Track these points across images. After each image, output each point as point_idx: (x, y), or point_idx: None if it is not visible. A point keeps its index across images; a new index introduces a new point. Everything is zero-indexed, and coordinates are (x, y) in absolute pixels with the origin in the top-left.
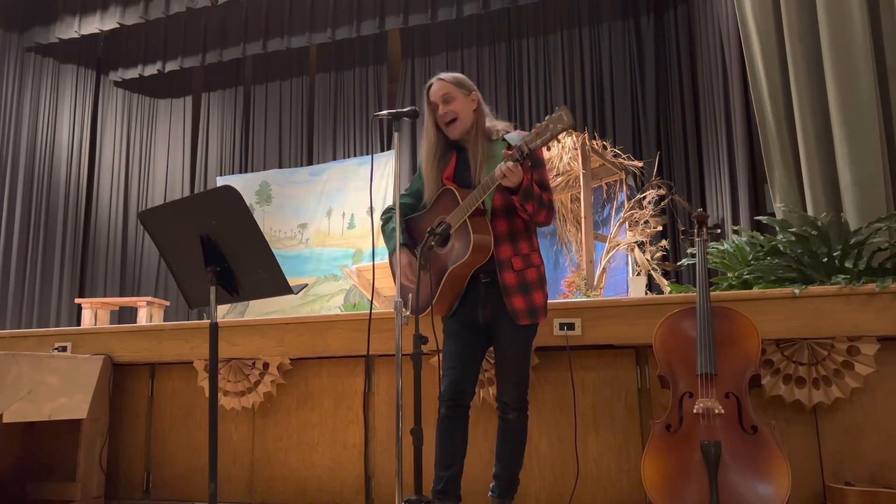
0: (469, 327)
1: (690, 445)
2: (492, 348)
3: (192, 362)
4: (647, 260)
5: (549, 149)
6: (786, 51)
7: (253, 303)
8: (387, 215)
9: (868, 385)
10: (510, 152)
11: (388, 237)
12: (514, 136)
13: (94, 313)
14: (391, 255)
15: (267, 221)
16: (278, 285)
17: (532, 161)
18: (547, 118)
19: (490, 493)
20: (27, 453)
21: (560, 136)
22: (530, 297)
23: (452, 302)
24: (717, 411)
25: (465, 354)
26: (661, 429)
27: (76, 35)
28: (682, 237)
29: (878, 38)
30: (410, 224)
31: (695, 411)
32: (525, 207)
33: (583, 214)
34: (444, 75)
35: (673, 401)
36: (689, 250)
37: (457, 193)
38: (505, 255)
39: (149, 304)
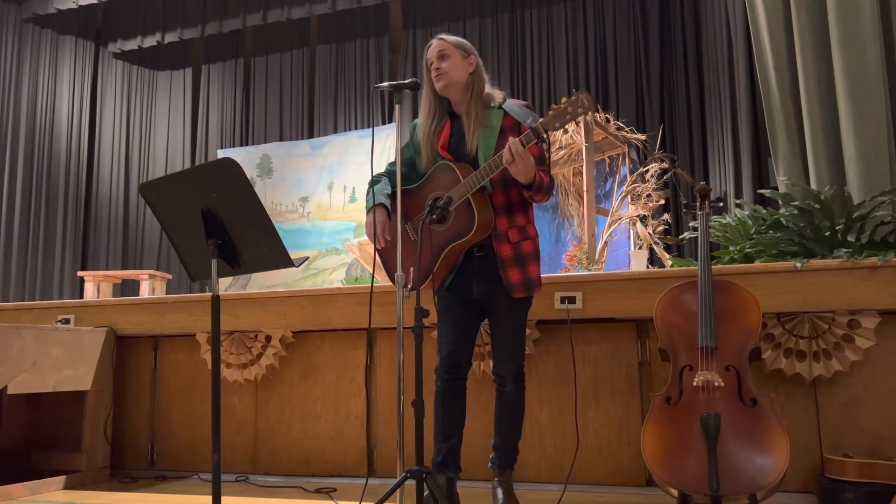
0: (463, 301)
1: (690, 418)
2: (487, 321)
3: (194, 335)
4: (649, 234)
5: (566, 131)
6: (792, 22)
7: (255, 276)
8: (377, 178)
9: (868, 358)
10: (524, 133)
11: (372, 196)
12: (512, 105)
13: (96, 286)
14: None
15: (268, 195)
16: (279, 258)
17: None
18: (564, 100)
19: (490, 464)
20: (33, 424)
21: (577, 119)
22: (526, 270)
23: (446, 276)
24: (717, 384)
25: (460, 327)
26: (661, 401)
27: (74, 6)
28: (684, 211)
29: (885, 10)
30: (403, 196)
31: (695, 384)
32: (534, 198)
33: (585, 188)
34: (444, 35)
35: (673, 374)
36: (691, 224)
37: (456, 169)
38: (501, 228)
39: (151, 277)
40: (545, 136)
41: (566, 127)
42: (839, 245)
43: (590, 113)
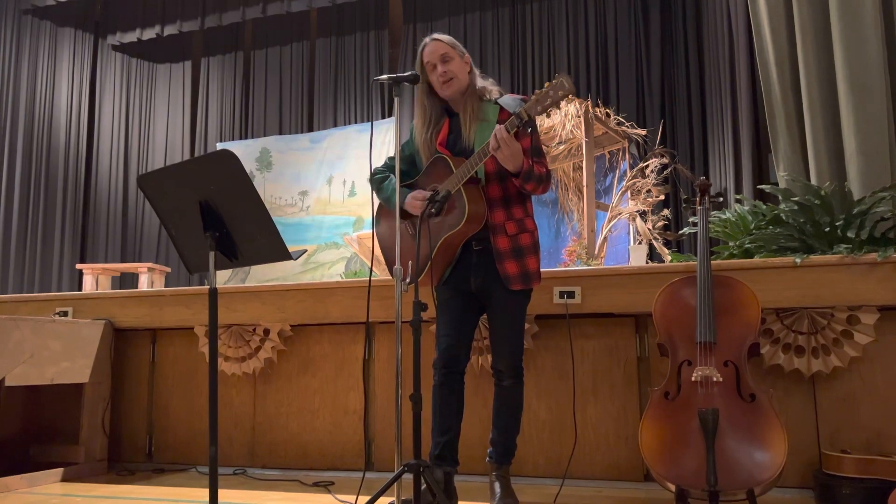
0: (461, 294)
1: (688, 413)
2: (486, 316)
3: (192, 328)
4: (649, 229)
5: (548, 115)
6: (793, 17)
7: (254, 269)
8: (380, 175)
9: (867, 354)
10: (509, 119)
11: (389, 194)
12: (508, 100)
13: (95, 279)
14: (383, 218)
15: (267, 188)
16: (277, 251)
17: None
18: (547, 84)
19: (488, 458)
20: (31, 417)
21: (560, 104)
22: (523, 262)
23: (444, 270)
24: (715, 379)
25: (458, 321)
26: (659, 396)
27: None
28: (684, 206)
29: (887, 6)
30: (402, 191)
31: (693, 379)
32: (525, 188)
33: (585, 183)
34: (438, 36)
35: (672, 369)
36: (690, 219)
37: (450, 162)
38: (498, 220)
39: (150, 270)
40: (527, 118)
41: (565, 122)
42: (839, 241)
43: (582, 102)
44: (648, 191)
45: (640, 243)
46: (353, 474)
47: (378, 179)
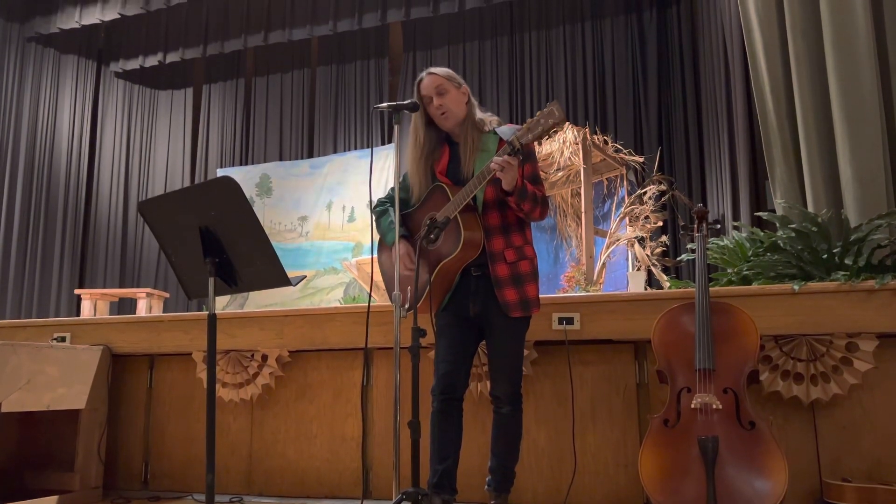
0: (460, 321)
1: (688, 440)
2: (484, 342)
3: (190, 354)
4: (647, 255)
5: (539, 144)
6: (788, 47)
7: (253, 295)
8: (381, 208)
9: (866, 382)
10: (502, 148)
11: (385, 230)
12: (506, 130)
13: (93, 304)
14: (384, 246)
15: (267, 214)
16: (277, 277)
17: (524, 154)
18: (538, 113)
19: (486, 486)
20: (26, 443)
21: (551, 131)
22: (523, 289)
23: (442, 297)
24: (714, 406)
25: (456, 348)
26: (658, 424)
27: (77, 25)
28: (682, 233)
29: (880, 35)
30: (402, 220)
31: (693, 406)
32: (521, 207)
33: (583, 209)
34: (434, 69)
35: (671, 396)
36: (688, 246)
37: (447, 190)
38: (498, 248)
39: (148, 295)
40: (519, 147)
41: (563, 149)
42: (836, 268)
43: (580, 129)
44: (647, 217)
45: (638, 269)
46: (350, 502)
47: (378, 213)
